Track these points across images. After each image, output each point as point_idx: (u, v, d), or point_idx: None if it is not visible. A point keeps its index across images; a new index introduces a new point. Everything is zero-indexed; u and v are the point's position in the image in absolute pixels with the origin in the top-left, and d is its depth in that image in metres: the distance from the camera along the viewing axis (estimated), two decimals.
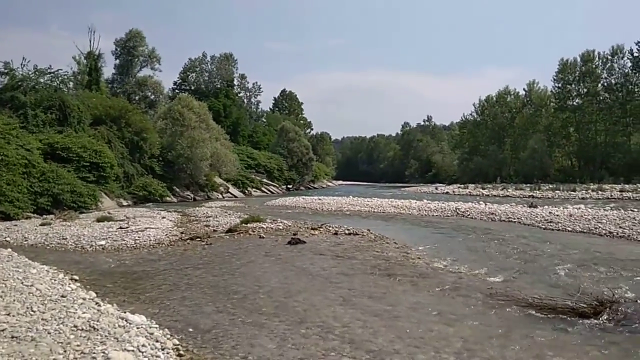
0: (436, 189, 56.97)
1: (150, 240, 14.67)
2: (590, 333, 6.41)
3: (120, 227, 16.87)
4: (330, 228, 17.12)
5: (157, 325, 6.31)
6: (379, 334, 6.35)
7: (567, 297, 7.43)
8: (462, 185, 58.20)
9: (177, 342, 5.86)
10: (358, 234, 15.88)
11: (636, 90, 63.55)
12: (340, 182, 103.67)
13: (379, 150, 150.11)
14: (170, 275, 10.10)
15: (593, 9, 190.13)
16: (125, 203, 31.21)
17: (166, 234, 15.95)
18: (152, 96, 58.29)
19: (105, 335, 5.53)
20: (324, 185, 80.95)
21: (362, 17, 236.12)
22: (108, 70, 62.85)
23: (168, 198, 36.36)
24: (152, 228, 16.99)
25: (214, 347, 5.90)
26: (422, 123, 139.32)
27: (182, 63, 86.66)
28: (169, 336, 5.99)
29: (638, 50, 61.79)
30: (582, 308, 7.02)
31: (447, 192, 49.71)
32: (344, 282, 9.39)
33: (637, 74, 62.97)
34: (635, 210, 21.29)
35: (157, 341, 5.65)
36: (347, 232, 16.27)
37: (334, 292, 8.67)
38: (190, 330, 6.50)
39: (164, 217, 21.38)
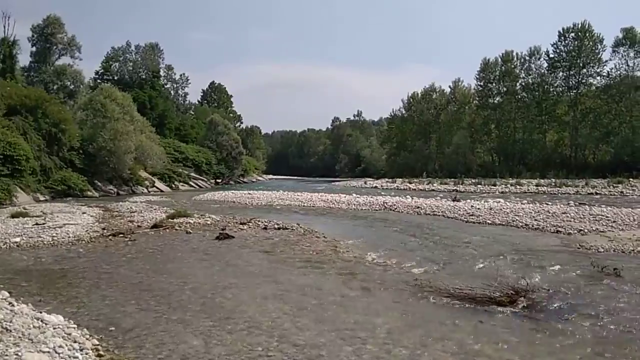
0: (365, 183, 57.82)
1: (69, 236, 14.02)
2: (507, 320, 6.74)
3: (37, 223, 16.03)
4: (260, 222, 17.03)
5: (75, 325, 6.08)
6: (307, 328, 6.39)
7: (486, 287, 7.76)
8: (390, 180, 59.34)
9: (97, 342, 5.66)
10: (287, 228, 15.88)
11: (551, 89, 67.14)
12: (271, 176, 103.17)
13: (310, 144, 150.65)
14: (91, 273, 9.70)
15: (513, 10, 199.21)
16: (42, 198, 29.74)
17: (87, 230, 15.28)
18: (72, 86, 55.34)
19: (19, 337, 5.27)
20: (254, 180, 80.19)
21: (292, 10, 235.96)
22: (24, 57, 59.66)
23: (89, 192, 34.94)
24: (72, 224, 16.26)
25: (136, 346, 5.72)
26: (352, 118, 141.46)
27: (105, 52, 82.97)
28: (88, 336, 5.78)
29: (554, 51, 65.35)
30: (499, 297, 7.38)
31: (375, 187, 50.58)
32: (272, 277, 9.37)
33: (553, 74, 66.54)
34: (549, 203, 22.58)
35: (75, 341, 5.44)
36: (276, 226, 16.24)
37: (262, 287, 8.64)
38: (111, 329, 6.27)
39: (84, 213, 20.54)
